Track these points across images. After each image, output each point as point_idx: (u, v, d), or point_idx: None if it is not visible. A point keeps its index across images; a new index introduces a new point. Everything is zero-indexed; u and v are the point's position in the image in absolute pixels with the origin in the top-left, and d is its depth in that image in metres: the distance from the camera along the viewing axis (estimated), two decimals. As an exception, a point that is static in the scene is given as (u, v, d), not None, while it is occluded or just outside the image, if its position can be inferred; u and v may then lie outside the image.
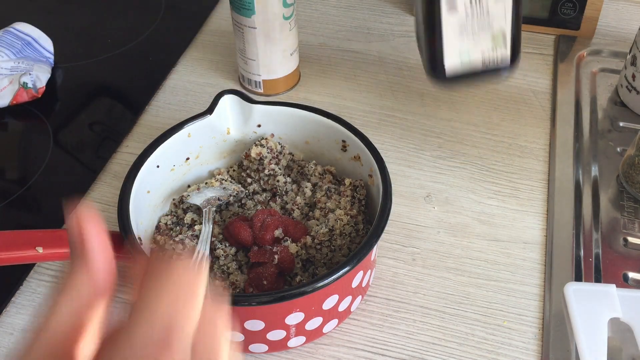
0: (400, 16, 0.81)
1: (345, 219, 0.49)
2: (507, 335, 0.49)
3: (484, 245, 0.55)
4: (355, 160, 0.53)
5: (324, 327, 0.47)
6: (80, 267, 0.24)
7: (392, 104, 0.69)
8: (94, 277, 0.24)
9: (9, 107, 0.68)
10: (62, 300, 0.23)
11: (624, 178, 0.59)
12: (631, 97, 0.67)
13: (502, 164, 0.62)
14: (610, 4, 0.81)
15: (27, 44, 0.72)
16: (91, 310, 0.23)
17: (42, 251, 0.44)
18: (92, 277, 0.24)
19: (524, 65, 0.73)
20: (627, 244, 0.55)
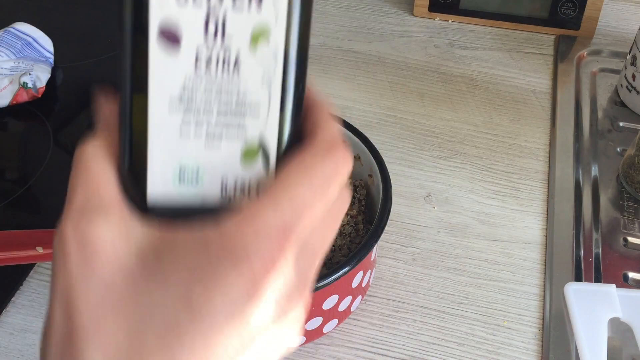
0: (400, 16, 0.80)
1: (345, 219, 0.49)
2: (507, 335, 0.49)
3: (484, 245, 0.55)
4: (355, 160, 0.53)
5: (324, 327, 0.47)
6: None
7: (392, 103, 0.68)
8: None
9: (9, 107, 0.68)
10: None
11: (624, 178, 0.59)
12: (631, 97, 0.67)
13: (502, 164, 0.62)
14: (610, 4, 0.81)
15: (27, 44, 0.72)
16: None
17: (42, 251, 0.44)
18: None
19: (524, 65, 0.73)
20: (627, 244, 0.55)
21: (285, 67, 0.25)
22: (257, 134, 0.25)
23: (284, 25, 0.25)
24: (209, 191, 0.25)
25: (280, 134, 0.25)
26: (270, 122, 0.25)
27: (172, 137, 0.25)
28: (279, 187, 0.24)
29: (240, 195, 0.25)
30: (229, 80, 0.25)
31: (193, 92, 0.25)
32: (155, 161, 0.25)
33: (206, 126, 0.25)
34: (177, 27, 0.24)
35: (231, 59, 0.25)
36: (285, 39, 0.25)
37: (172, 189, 0.25)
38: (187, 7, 0.24)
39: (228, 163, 0.25)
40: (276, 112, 0.25)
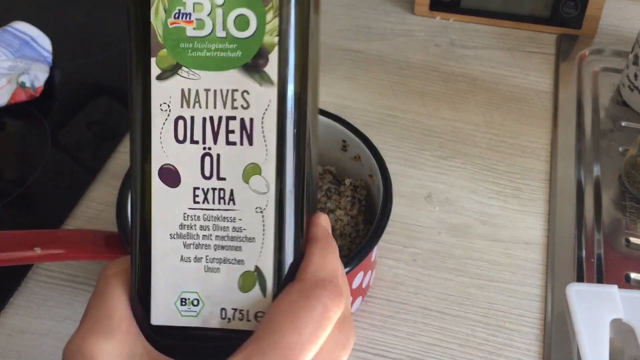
0: (401, 15, 0.80)
1: (345, 220, 0.49)
2: (509, 336, 0.49)
3: (485, 246, 0.55)
4: (356, 160, 0.52)
5: (324, 329, 0.47)
6: None
7: (393, 103, 0.68)
8: None
9: (7, 107, 0.67)
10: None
11: (626, 178, 0.59)
12: (633, 96, 0.67)
13: (504, 164, 0.62)
14: (612, 3, 0.80)
15: (25, 43, 0.71)
16: None
17: (40, 252, 0.43)
18: None
19: (525, 64, 0.73)
20: (630, 245, 0.55)
21: (279, 199, 0.27)
22: (254, 261, 0.27)
23: (274, 160, 0.27)
24: (209, 314, 0.27)
25: (276, 262, 0.27)
26: (265, 251, 0.27)
27: (173, 265, 0.27)
28: (265, 333, 0.25)
29: (239, 319, 0.27)
30: (226, 212, 0.27)
31: (192, 222, 0.27)
32: (158, 286, 0.27)
33: (205, 254, 0.27)
34: (176, 165, 0.27)
35: (226, 192, 0.27)
36: (277, 173, 0.27)
37: (174, 312, 0.27)
38: (184, 149, 0.27)
39: (226, 289, 0.27)
40: (271, 241, 0.27)
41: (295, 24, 0.27)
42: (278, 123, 0.27)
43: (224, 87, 0.27)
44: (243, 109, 0.27)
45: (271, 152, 0.27)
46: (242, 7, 0.26)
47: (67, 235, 0.46)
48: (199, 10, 0.26)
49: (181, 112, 0.27)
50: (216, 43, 0.27)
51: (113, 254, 0.42)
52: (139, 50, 0.27)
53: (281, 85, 0.27)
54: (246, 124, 0.27)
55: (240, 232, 0.27)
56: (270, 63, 0.27)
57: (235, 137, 0.27)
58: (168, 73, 0.27)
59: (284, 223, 0.27)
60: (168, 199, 0.27)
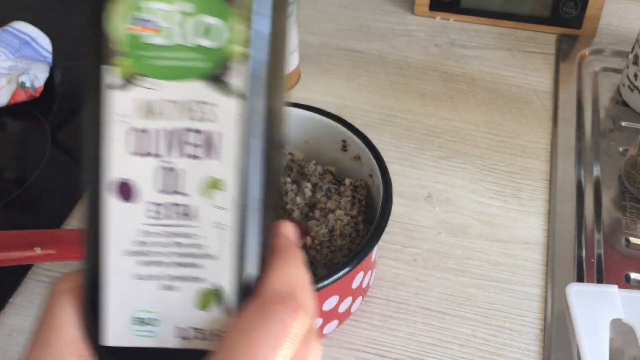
0: (401, 15, 0.80)
1: (345, 220, 0.49)
2: (509, 336, 0.49)
3: (485, 246, 0.55)
4: (356, 160, 0.52)
5: (324, 328, 0.47)
6: None
7: (393, 103, 0.68)
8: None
9: (7, 107, 0.67)
10: None
11: (626, 178, 0.59)
12: (633, 96, 0.67)
13: (504, 164, 0.62)
14: (612, 3, 0.80)
15: (25, 43, 0.71)
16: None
17: (40, 252, 0.43)
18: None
19: (525, 64, 0.73)
20: (630, 245, 0.55)
21: (242, 215, 0.26)
22: (214, 279, 0.26)
23: (238, 175, 0.25)
24: (165, 334, 0.26)
25: (238, 280, 0.26)
26: (226, 269, 0.26)
27: (127, 283, 0.26)
28: (223, 354, 0.24)
29: (198, 338, 0.26)
30: (184, 227, 0.26)
31: (148, 238, 0.26)
32: (110, 305, 0.26)
33: (162, 272, 0.26)
34: (132, 178, 0.26)
35: (185, 208, 0.26)
36: (240, 189, 0.25)
37: (127, 332, 0.26)
38: (141, 163, 0.26)
39: (184, 307, 0.26)
40: (232, 258, 0.26)
41: (264, 34, 0.25)
42: (243, 137, 0.25)
43: (187, 98, 0.25)
44: (207, 121, 0.25)
45: (234, 166, 0.25)
46: (208, 15, 0.25)
47: (66, 235, 0.46)
48: (161, 17, 0.25)
49: (139, 124, 0.25)
50: (179, 52, 0.25)
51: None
52: (94, 57, 0.25)
53: (248, 98, 0.25)
54: (209, 137, 0.25)
55: (200, 249, 0.26)
56: (239, 75, 0.25)
57: (197, 151, 0.25)
58: (126, 82, 0.25)
59: (246, 239, 0.26)
60: (122, 214, 0.26)
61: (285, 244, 0.28)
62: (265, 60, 0.25)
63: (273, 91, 0.26)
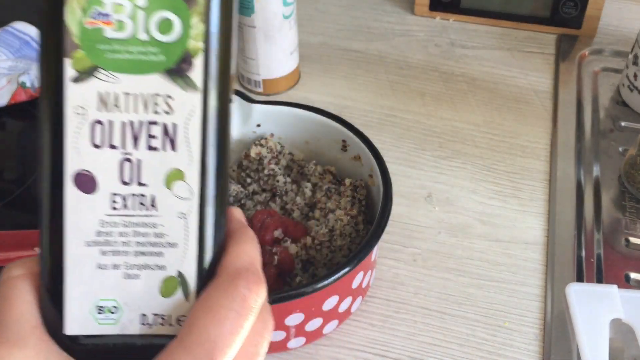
0: (400, 15, 0.80)
1: (345, 220, 0.49)
2: (508, 336, 0.49)
3: (485, 246, 0.55)
4: (356, 160, 0.52)
5: (324, 328, 0.47)
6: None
7: (393, 103, 0.68)
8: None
9: (7, 107, 0.67)
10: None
11: (625, 178, 0.59)
12: (633, 96, 0.67)
13: (504, 164, 0.62)
14: (612, 3, 0.80)
15: (25, 43, 0.71)
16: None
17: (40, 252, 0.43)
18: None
19: (525, 64, 0.73)
20: (629, 245, 0.55)
21: (202, 204, 0.26)
22: (176, 266, 0.27)
23: (199, 166, 0.26)
24: (128, 321, 0.27)
25: (199, 266, 0.27)
26: (188, 256, 0.26)
27: (89, 273, 0.26)
28: (188, 332, 0.25)
29: (161, 324, 0.27)
30: (146, 217, 0.26)
31: (110, 229, 0.26)
32: (72, 295, 0.26)
33: (124, 261, 0.27)
34: (92, 170, 0.26)
35: (147, 198, 0.26)
36: (201, 179, 0.26)
37: (90, 320, 0.27)
38: (102, 155, 0.26)
39: (147, 295, 0.27)
40: (194, 245, 0.26)
41: (220, 29, 0.26)
42: (202, 129, 0.26)
43: (145, 92, 0.26)
44: (166, 114, 0.26)
45: (195, 157, 0.26)
46: (165, 10, 0.26)
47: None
48: (119, 11, 0.25)
49: (98, 116, 0.26)
50: (137, 46, 0.26)
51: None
52: (51, 51, 0.26)
53: (206, 91, 0.26)
54: (169, 130, 0.26)
55: (162, 237, 0.26)
56: (195, 68, 0.26)
57: (157, 143, 0.26)
58: (84, 75, 0.26)
59: (207, 227, 0.27)
60: (83, 206, 0.26)
61: (239, 226, 0.29)
62: (218, 55, 0.26)
63: (224, 85, 0.27)
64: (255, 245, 0.28)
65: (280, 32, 0.64)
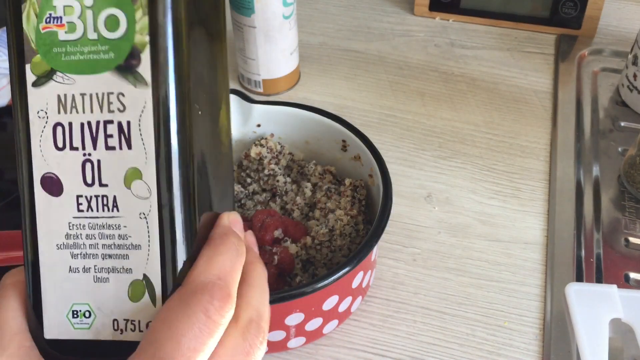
0: (400, 15, 0.80)
1: (345, 219, 0.49)
2: (508, 336, 0.49)
3: (484, 246, 0.55)
4: (356, 160, 0.52)
5: (324, 328, 0.47)
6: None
7: (393, 103, 0.68)
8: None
9: (7, 107, 0.68)
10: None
11: (625, 178, 0.59)
12: (632, 96, 0.67)
13: (503, 164, 0.62)
14: (611, 3, 0.80)
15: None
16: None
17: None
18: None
19: (525, 64, 0.73)
20: (629, 245, 0.55)
21: (162, 203, 0.26)
22: (142, 269, 0.26)
23: (154, 163, 0.26)
24: (101, 326, 0.26)
25: (164, 269, 0.26)
26: (152, 258, 0.26)
27: (62, 276, 0.26)
28: (146, 345, 0.24)
29: (131, 330, 0.26)
30: (110, 218, 0.26)
31: (77, 231, 0.26)
32: (49, 298, 0.26)
33: (93, 264, 0.26)
34: (57, 173, 0.26)
35: (109, 199, 0.26)
36: (158, 177, 0.26)
37: (66, 324, 0.27)
38: (65, 157, 0.26)
39: (117, 299, 0.26)
40: (157, 247, 0.26)
41: (166, 20, 0.26)
42: (155, 124, 0.26)
43: (99, 91, 0.26)
44: (119, 112, 0.26)
45: (150, 155, 0.26)
46: (111, 7, 0.25)
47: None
48: (70, 13, 0.26)
49: (59, 119, 0.26)
50: (88, 45, 0.26)
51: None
52: (15, 57, 0.26)
53: (156, 86, 0.26)
54: (124, 128, 0.26)
55: (126, 239, 0.26)
56: (143, 63, 0.25)
57: (114, 142, 0.26)
58: (43, 79, 0.26)
59: (169, 228, 0.26)
60: (52, 209, 0.26)
61: (221, 234, 0.27)
62: (168, 47, 0.26)
63: (178, 78, 0.26)
64: (233, 258, 0.26)
65: (280, 32, 0.64)
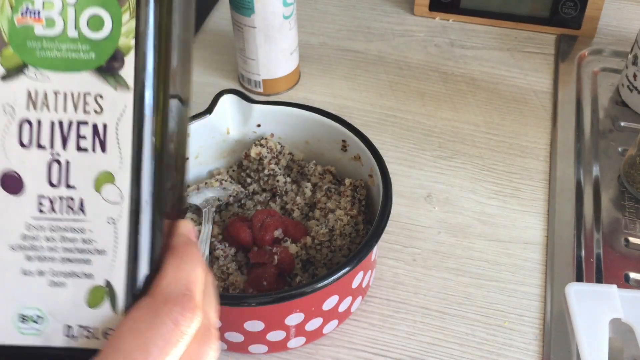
0: (400, 15, 0.80)
1: (345, 219, 0.49)
2: (508, 336, 0.49)
3: (484, 246, 0.55)
4: (356, 160, 0.52)
5: (324, 328, 0.47)
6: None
7: (393, 103, 0.68)
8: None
9: None
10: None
11: (625, 178, 0.59)
12: (632, 96, 0.67)
13: (503, 164, 0.62)
14: (611, 3, 0.80)
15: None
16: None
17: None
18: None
19: (525, 64, 0.73)
20: (629, 245, 0.55)
21: (134, 210, 0.25)
22: (104, 275, 0.25)
23: (130, 169, 0.25)
24: (53, 332, 0.25)
25: (129, 276, 0.25)
26: (117, 264, 0.25)
27: (12, 278, 0.25)
28: (109, 352, 0.23)
29: (87, 337, 0.25)
30: (74, 222, 0.25)
31: (36, 233, 0.25)
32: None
33: (50, 267, 0.25)
34: (19, 171, 0.25)
35: (75, 202, 0.25)
36: (132, 183, 0.25)
37: (12, 329, 0.25)
38: (29, 155, 0.25)
39: (73, 305, 0.25)
40: (124, 253, 0.25)
41: (153, 26, 0.25)
42: (134, 130, 0.25)
43: (75, 90, 0.25)
44: (96, 113, 0.25)
45: (126, 160, 0.25)
46: (96, 6, 0.25)
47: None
48: (49, 8, 0.25)
49: (27, 115, 0.25)
50: (67, 43, 0.25)
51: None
52: None
53: (138, 90, 0.25)
54: (99, 130, 0.25)
55: (90, 244, 0.25)
56: (126, 66, 0.25)
57: (87, 143, 0.25)
58: (13, 73, 0.25)
59: (138, 235, 0.25)
60: (9, 207, 0.25)
61: (183, 243, 0.27)
62: (153, 53, 0.25)
63: (161, 84, 0.26)
64: (198, 267, 0.26)
65: (280, 33, 0.64)
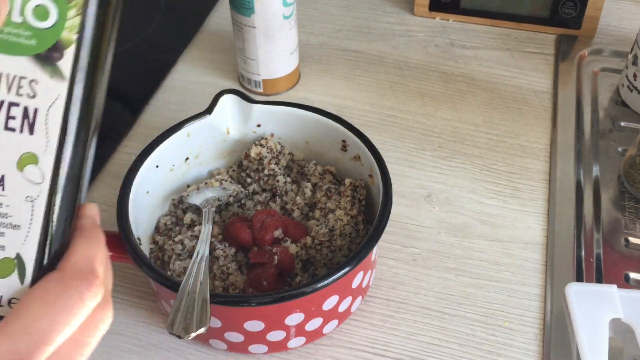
0: (400, 15, 0.80)
1: (345, 219, 0.49)
2: (508, 336, 0.49)
3: (484, 246, 0.55)
4: (356, 160, 0.52)
5: (324, 328, 0.47)
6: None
7: (393, 103, 0.68)
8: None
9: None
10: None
11: (625, 178, 0.59)
12: (632, 96, 0.67)
13: (503, 164, 0.62)
14: (611, 4, 0.80)
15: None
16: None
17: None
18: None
19: (525, 64, 0.73)
20: (629, 245, 0.55)
21: (52, 191, 0.27)
22: (16, 249, 0.27)
23: (54, 153, 0.27)
24: None
25: (40, 252, 0.27)
26: (29, 240, 0.27)
27: None
28: (15, 318, 0.25)
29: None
30: None
31: None
32: None
33: None
34: None
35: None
36: (55, 166, 0.27)
37: None
38: None
39: None
40: (37, 230, 0.27)
41: (95, 25, 0.27)
42: (63, 118, 0.27)
43: (11, 72, 0.26)
44: (29, 97, 0.26)
45: (52, 144, 0.26)
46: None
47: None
48: None
49: None
50: (10, 27, 0.26)
51: (113, 254, 0.42)
52: None
53: (72, 82, 0.27)
54: (29, 113, 0.26)
55: (6, 218, 0.27)
56: (65, 58, 0.26)
57: (15, 124, 0.26)
58: None
59: (53, 214, 0.27)
60: None
61: (89, 224, 0.29)
62: (91, 49, 0.27)
63: (94, 79, 0.27)
64: (101, 247, 0.29)
65: (280, 33, 0.64)
